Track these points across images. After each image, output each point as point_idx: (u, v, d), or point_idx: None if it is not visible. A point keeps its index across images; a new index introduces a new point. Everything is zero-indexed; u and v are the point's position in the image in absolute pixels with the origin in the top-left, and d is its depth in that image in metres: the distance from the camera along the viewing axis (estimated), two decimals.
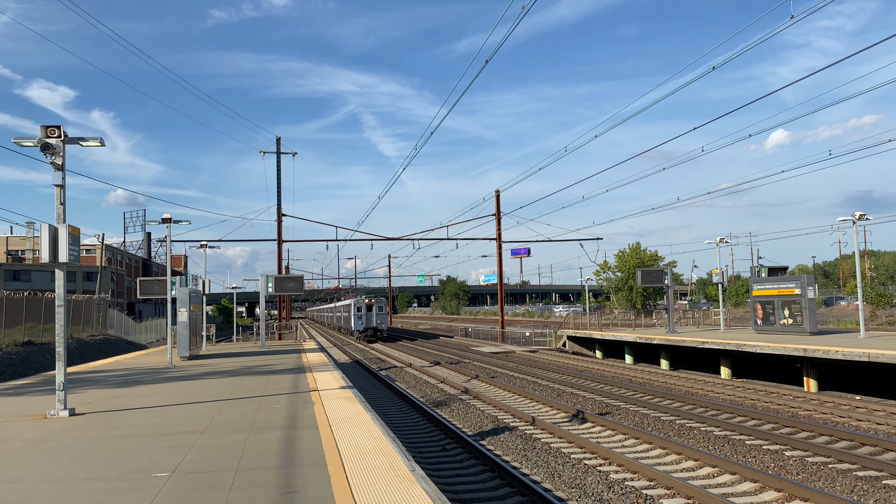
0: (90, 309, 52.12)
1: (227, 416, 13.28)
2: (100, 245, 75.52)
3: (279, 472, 8.55)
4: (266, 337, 42.27)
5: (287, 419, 12.73)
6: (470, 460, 14.47)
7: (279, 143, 51.27)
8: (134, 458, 9.65)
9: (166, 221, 25.39)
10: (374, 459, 9.12)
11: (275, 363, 26.57)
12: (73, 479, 8.53)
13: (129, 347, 52.02)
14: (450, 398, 23.52)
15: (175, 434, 11.50)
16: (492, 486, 12.39)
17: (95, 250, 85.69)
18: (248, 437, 11.06)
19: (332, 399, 15.45)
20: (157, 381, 20.48)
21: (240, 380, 20.26)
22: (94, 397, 16.97)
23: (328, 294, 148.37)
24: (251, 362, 27.39)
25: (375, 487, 7.68)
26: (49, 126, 13.68)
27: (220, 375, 21.91)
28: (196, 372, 23.39)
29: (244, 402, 15.32)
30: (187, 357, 29.20)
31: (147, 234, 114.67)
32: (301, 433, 11.22)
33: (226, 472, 8.65)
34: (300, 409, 13.91)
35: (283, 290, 37.49)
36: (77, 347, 43.21)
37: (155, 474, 8.62)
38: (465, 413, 20.20)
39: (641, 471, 12.50)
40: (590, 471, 12.90)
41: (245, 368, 24.40)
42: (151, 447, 10.44)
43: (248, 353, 33.37)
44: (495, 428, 17.66)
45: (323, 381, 19.20)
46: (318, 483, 7.90)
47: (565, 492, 11.76)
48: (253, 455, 9.62)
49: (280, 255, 51.40)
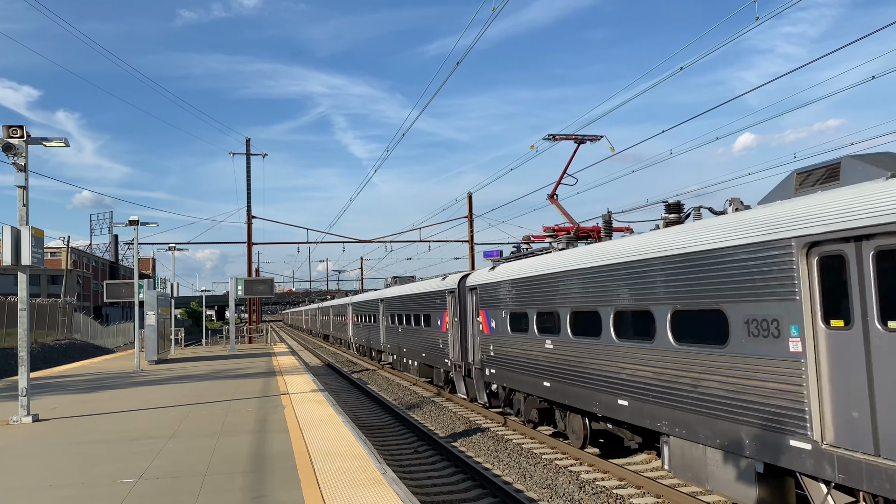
0: (55, 313, 51.12)
1: (195, 421, 13.10)
2: (65, 248, 74.14)
3: (249, 476, 8.45)
4: (236, 340, 41.83)
5: (257, 423, 12.60)
6: (442, 462, 14.45)
7: (249, 144, 50.83)
8: (100, 464, 9.48)
9: (134, 224, 25.03)
10: (345, 462, 9.07)
11: (245, 367, 26.30)
12: (35, 486, 8.34)
13: (96, 352, 51.15)
14: (423, 401, 23.48)
15: (142, 439, 11.32)
16: (464, 487, 12.39)
17: (61, 253, 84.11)
18: (218, 441, 10.93)
19: (303, 402, 15.33)
20: (124, 386, 20.14)
21: (209, 384, 20.01)
22: (58, 403, 16.63)
23: (315, 296, 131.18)
24: (220, 366, 27.08)
25: (346, 490, 7.63)
26: (11, 126, 13.40)
27: (189, 379, 21.62)
28: (164, 376, 23.06)
29: (213, 406, 15.13)
30: (155, 361, 28.78)
31: (114, 237, 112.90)
32: (271, 437, 11.11)
33: (194, 476, 8.54)
34: (270, 413, 13.78)
35: (253, 292, 37.15)
36: (41, 352, 42.37)
37: (121, 480, 8.48)
38: (437, 415, 20.17)
39: (612, 470, 12.59)
40: (561, 471, 12.96)
41: (214, 372, 24.11)
42: (118, 453, 10.26)
43: (217, 357, 32.98)
44: (468, 429, 17.67)
45: (294, 385, 19.04)
46: (288, 486, 7.83)
47: (537, 492, 11.80)
48: (222, 459, 9.50)
49: (250, 257, 50.91)
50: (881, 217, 6.82)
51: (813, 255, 7.68)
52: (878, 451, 6.83)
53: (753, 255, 8.49)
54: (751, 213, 8.96)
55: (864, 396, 7.04)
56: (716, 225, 9.48)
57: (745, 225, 8.78)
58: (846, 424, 7.26)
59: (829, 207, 7.55)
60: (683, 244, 10.02)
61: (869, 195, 7.17)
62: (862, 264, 7.11)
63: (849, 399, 7.23)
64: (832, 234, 7.34)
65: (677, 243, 10.19)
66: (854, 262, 7.20)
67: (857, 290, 7.15)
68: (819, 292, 7.63)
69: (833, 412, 7.45)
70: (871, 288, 6.98)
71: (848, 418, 7.22)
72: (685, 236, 10.09)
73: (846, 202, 7.36)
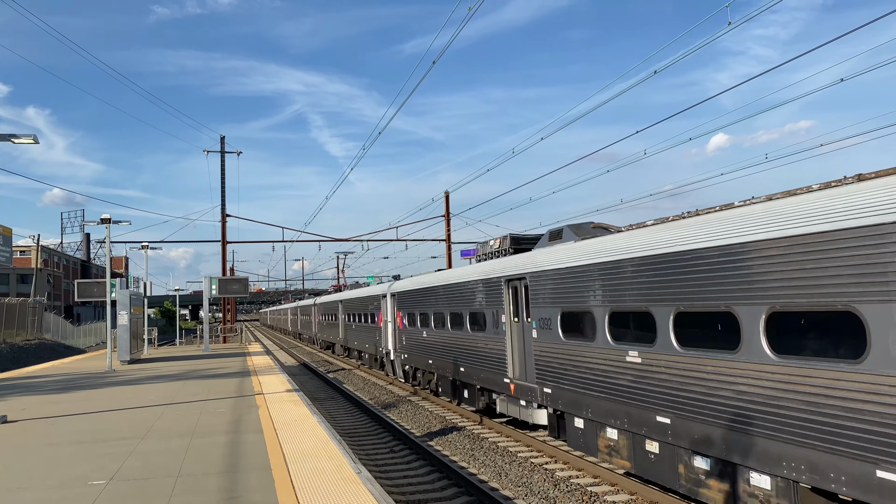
0: (25, 312, 50.24)
1: (168, 421, 12.97)
2: (35, 246, 72.87)
3: (222, 476, 8.39)
4: (210, 340, 41.45)
5: (231, 423, 12.50)
6: (418, 461, 14.45)
7: (223, 142, 50.36)
8: (70, 466, 9.34)
9: (106, 222, 24.67)
10: (320, 462, 9.03)
11: (219, 367, 26.07)
12: (3, 488, 8.20)
13: (67, 352, 50.36)
14: (399, 400, 23.45)
15: (114, 440, 11.18)
16: (440, 486, 12.40)
17: (31, 252, 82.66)
18: (191, 441, 10.83)
19: (277, 402, 15.24)
20: (95, 387, 19.87)
21: (182, 384, 19.81)
22: (28, 404, 16.36)
23: (292, 294, 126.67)
24: (194, 366, 26.81)
25: (321, 490, 7.60)
26: None
27: (162, 380, 21.39)
28: (137, 376, 22.79)
29: (187, 406, 14.99)
30: (128, 361, 28.42)
31: (86, 235, 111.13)
32: (245, 437, 11.03)
33: (167, 477, 8.45)
34: (245, 413, 13.68)
35: (227, 292, 36.81)
36: (10, 352, 41.65)
37: (92, 482, 8.37)
38: (413, 414, 20.16)
39: (587, 468, 12.68)
40: (536, 469, 13.03)
41: (188, 372, 23.87)
42: (89, 454, 10.13)
43: (191, 357, 32.65)
44: (443, 428, 17.69)
45: (268, 385, 18.92)
46: (263, 487, 7.79)
47: (512, 490, 11.85)
48: (195, 460, 9.42)
49: (224, 256, 50.44)
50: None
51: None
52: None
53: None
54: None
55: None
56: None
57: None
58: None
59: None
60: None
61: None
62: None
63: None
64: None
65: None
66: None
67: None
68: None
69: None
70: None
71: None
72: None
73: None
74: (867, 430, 6.56)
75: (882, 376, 6.42)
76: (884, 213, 6.42)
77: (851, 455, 6.70)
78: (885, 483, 6.35)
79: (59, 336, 58.63)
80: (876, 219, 6.47)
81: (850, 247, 6.70)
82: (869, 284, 6.52)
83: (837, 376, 6.88)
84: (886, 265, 6.35)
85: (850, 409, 6.73)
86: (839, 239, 6.84)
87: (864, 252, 6.56)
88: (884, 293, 6.39)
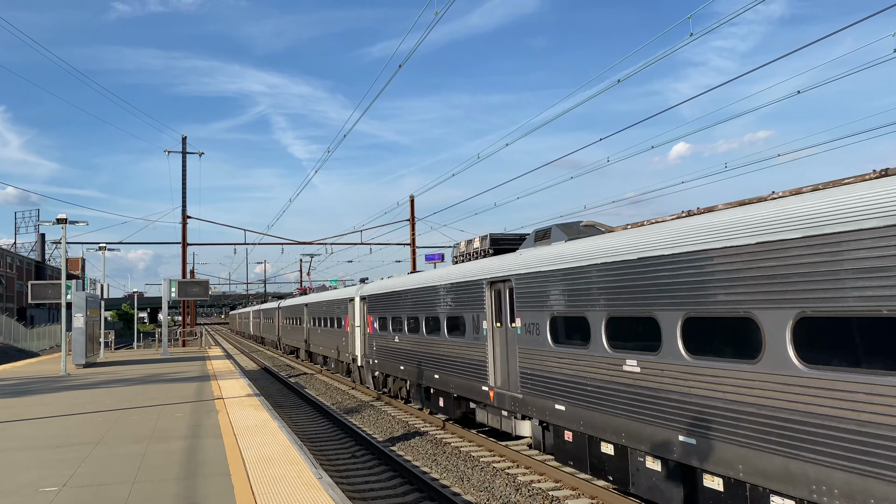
0: None
1: (125, 426, 12.70)
2: None
3: (180, 483, 8.24)
4: (169, 344, 40.72)
5: (190, 428, 12.29)
6: (380, 466, 14.37)
7: (185, 142, 49.60)
8: (21, 472, 9.08)
9: (61, 222, 24.11)
10: (280, 468, 8.93)
11: (178, 371, 25.62)
12: None
13: (19, 355, 49.00)
14: (361, 405, 23.31)
15: (67, 446, 10.91)
16: (401, 491, 12.35)
17: None
18: (148, 447, 10.61)
19: (237, 407, 15.04)
20: (49, 391, 19.36)
21: (140, 388, 19.42)
22: None
23: (253, 298, 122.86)
24: (153, 370, 26.31)
25: (281, 496, 7.51)
26: None
27: (119, 384, 20.94)
28: (93, 380, 22.28)
29: (144, 411, 14.70)
30: (83, 365, 27.78)
31: (41, 236, 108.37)
32: (204, 442, 10.86)
33: (122, 484, 8.27)
34: (204, 418, 13.46)
35: (187, 294, 36.25)
36: None
37: (43, 489, 8.15)
38: (376, 419, 20.06)
39: (548, 472, 12.75)
40: (498, 473, 13.06)
41: (146, 376, 23.42)
42: (41, 460, 9.86)
43: (149, 361, 32.04)
44: (406, 433, 17.62)
45: (229, 390, 18.66)
46: (222, 493, 7.67)
47: (474, 495, 11.86)
48: (152, 466, 9.23)
49: (185, 258, 49.64)
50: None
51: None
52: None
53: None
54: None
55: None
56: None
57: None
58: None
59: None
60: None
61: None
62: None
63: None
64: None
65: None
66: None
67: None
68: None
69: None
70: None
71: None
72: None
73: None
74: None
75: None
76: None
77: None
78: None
79: (11, 339, 57.04)
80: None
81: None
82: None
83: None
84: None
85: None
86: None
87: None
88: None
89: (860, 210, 6.45)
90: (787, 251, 7.11)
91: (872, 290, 6.25)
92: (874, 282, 6.24)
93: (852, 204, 6.58)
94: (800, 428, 6.97)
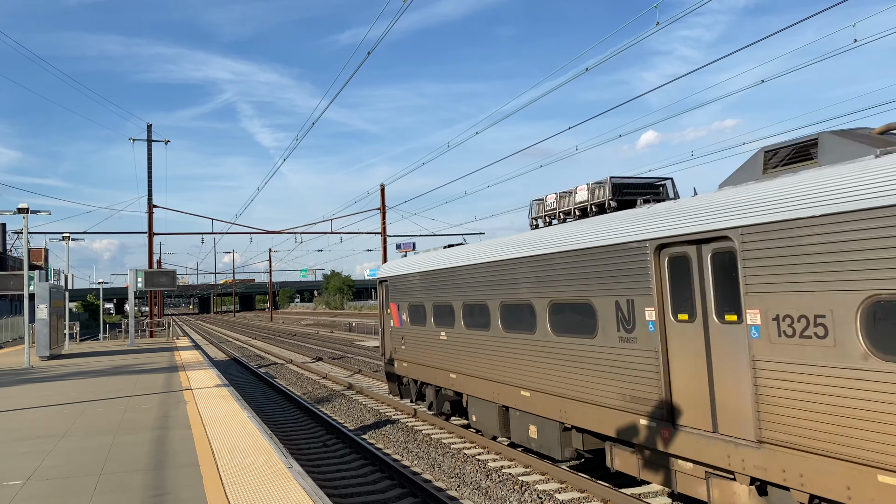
0: None
1: (91, 418, 12.54)
2: None
3: (148, 474, 8.17)
4: (136, 335, 40.18)
5: (157, 419, 12.18)
6: (351, 455, 14.39)
7: (150, 130, 48.75)
8: None
9: (23, 211, 23.60)
10: (250, 458, 8.90)
11: (145, 362, 25.32)
12: None
13: None
14: (333, 394, 23.28)
15: (32, 438, 10.74)
16: (373, 479, 12.39)
17: None
18: (115, 439, 10.50)
19: (206, 398, 14.93)
20: (12, 384, 19.01)
21: (106, 380, 19.16)
22: None
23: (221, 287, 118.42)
24: (119, 361, 25.96)
25: (250, 486, 7.49)
26: None
27: (85, 376, 20.64)
28: (58, 372, 21.92)
29: (111, 402, 14.52)
30: (48, 357, 27.31)
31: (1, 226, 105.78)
32: (172, 433, 10.77)
33: (88, 476, 8.17)
34: (172, 409, 13.35)
35: (153, 285, 35.76)
36: None
37: (7, 482, 8.02)
38: (347, 408, 20.05)
39: (518, 458, 12.88)
40: (469, 460, 13.16)
41: (112, 368, 23.10)
42: (4, 453, 9.70)
43: (115, 352, 31.60)
44: (377, 422, 17.65)
45: (197, 380, 18.50)
46: (190, 484, 7.62)
47: (445, 481, 11.94)
48: (119, 458, 9.14)
49: (151, 248, 48.91)
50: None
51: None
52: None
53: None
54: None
55: None
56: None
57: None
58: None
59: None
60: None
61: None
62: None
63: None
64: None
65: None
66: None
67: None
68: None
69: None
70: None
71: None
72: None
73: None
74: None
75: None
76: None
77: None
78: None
79: None
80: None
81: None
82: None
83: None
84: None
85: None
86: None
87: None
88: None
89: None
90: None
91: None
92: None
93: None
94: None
